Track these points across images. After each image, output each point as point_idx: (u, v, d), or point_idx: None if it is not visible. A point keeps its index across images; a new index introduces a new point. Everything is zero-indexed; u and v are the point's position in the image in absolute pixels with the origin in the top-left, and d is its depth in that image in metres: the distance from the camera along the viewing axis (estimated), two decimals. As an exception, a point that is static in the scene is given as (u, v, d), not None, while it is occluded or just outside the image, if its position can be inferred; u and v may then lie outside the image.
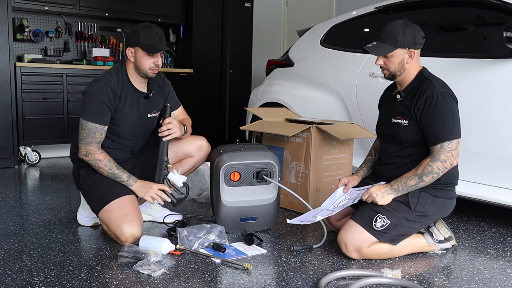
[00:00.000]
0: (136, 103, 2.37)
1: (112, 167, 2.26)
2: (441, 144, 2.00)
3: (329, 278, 1.85)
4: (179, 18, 5.39)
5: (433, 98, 2.01)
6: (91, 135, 2.24)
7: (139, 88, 2.38)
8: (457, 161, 2.04)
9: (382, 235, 2.04)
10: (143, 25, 2.31)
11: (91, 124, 2.24)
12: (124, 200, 2.25)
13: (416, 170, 2.04)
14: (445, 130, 2.00)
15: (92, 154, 2.26)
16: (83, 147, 2.27)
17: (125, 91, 2.32)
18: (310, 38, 3.83)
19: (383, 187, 2.08)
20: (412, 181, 2.03)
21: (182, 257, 2.10)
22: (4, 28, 4.00)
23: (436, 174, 2.01)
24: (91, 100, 2.25)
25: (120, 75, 2.32)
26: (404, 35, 2.05)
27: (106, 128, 2.29)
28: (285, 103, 3.71)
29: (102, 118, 2.26)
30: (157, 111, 2.49)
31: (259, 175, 2.39)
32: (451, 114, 2.02)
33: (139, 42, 2.26)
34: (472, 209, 3.03)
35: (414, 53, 2.09)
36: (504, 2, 2.59)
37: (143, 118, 2.43)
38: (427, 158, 2.03)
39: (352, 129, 2.91)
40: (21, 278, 1.84)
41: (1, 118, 4.07)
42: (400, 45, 2.06)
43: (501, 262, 2.15)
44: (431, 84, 2.05)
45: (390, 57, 2.09)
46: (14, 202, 3.03)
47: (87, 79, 4.48)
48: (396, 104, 2.17)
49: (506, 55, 2.50)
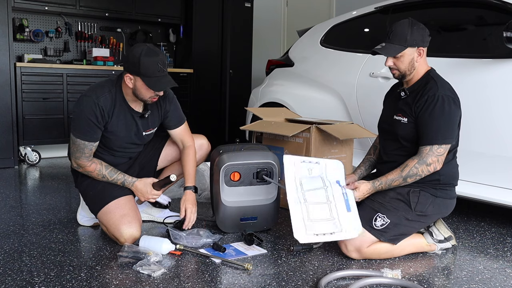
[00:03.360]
0: (130, 122, 2.29)
1: (105, 175, 2.25)
2: (430, 146, 2.01)
3: (329, 278, 1.85)
4: (179, 18, 5.39)
5: (434, 99, 2.00)
6: (80, 151, 2.22)
7: (134, 107, 2.27)
8: (440, 166, 2.04)
9: (382, 234, 2.04)
10: (145, 52, 2.08)
11: (79, 141, 2.20)
12: (121, 201, 2.25)
13: (401, 171, 2.04)
14: (437, 133, 2.00)
15: (83, 167, 2.26)
16: (74, 160, 2.27)
17: (118, 109, 2.22)
18: (310, 38, 3.82)
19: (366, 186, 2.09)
20: (397, 182, 2.05)
21: (182, 257, 2.10)
22: (4, 28, 4.00)
23: (419, 176, 2.03)
24: (79, 117, 2.19)
25: (113, 93, 2.21)
26: (413, 34, 2.05)
27: (96, 144, 2.25)
28: (285, 103, 3.71)
29: (91, 135, 2.20)
30: (153, 128, 2.41)
31: (259, 175, 2.39)
32: (447, 118, 2.01)
33: (140, 73, 2.10)
34: (472, 209, 3.03)
35: (423, 51, 2.09)
36: (504, 2, 2.59)
37: (138, 135, 2.36)
38: (414, 158, 2.03)
39: (352, 129, 2.91)
40: (21, 278, 1.84)
41: (1, 118, 4.08)
42: (409, 44, 2.06)
43: (501, 262, 2.15)
44: (435, 85, 2.04)
45: (400, 57, 2.08)
46: (14, 202, 3.03)
47: (87, 79, 4.49)
48: (400, 102, 2.17)
49: (506, 55, 2.50)
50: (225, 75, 5.42)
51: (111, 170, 2.27)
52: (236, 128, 3.49)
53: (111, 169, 2.27)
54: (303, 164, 2.18)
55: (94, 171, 2.25)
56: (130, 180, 2.28)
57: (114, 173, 2.27)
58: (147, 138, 2.43)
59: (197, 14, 5.30)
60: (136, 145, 2.42)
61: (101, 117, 2.18)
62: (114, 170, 2.28)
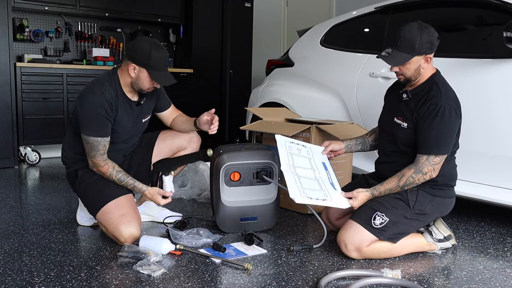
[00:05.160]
0: (130, 112, 2.36)
1: (116, 179, 2.27)
2: (427, 156, 2.01)
3: (329, 278, 1.85)
4: (179, 18, 5.39)
5: (436, 108, 1.99)
6: (94, 149, 2.24)
7: (131, 97, 2.34)
8: (436, 174, 2.05)
9: (381, 233, 2.05)
10: (154, 46, 2.20)
11: (93, 139, 2.22)
12: (120, 201, 2.25)
13: (398, 180, 2.06)
14: (435, 144, 2.00)
15: (97, 166, 2.28)
16: (89, 160, 2.29)
17: (119, 102, 2.29)
18: (310, 38, 3.82)
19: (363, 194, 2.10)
20: (394, 191, 2.08)
21: (182, 257, 2.10)
22: (4, 28, 4.00)
23: (416, 184, 2.06)
24: (90, 116, 2.21)
25: (113, 85, 2.26)
26: (421, 41, 1.99)
27: (108, 139, 2.28)
28: (285, 103, 3.71)
29: (104, 130, 2.24)
30: (149, 114, 2.50)
31: (259, 175, 2.39)
32: (447, 130, 2.00)
33: (148, 65, 2.19)
34: (472, 209, 3.03)
35: (430, 58, 2.05)
36: (504, 2, 2.59)
37: (138, 124, 2.44)
38: (411, 168, 2.05)
39: (352, 129, 2.91)
40: (21, 278, 1.84)
41: (1, 118, 4.07)
42: (417, 53, 2.01)
43: (501, 262, 2.15)
44: (439, 92, 2.01)
45: (407, 64, 2.04)
46: (14, 202, 3.03)
47: (87, 79, 4.48)
48: (401, 104, 2.16)
49: (506, 55, 2.50)
50: (225, 75, 5.42)
51: (123, 175, 2.28)
52: (236, 128, 3.49)
53: (122, 174, 2.28)
54: (292, 144, 2.30)
55: (106, 173, 2.27)
56: (140, 187, 2.30)
57: (125, 177, 2.28)
58: (145, 125, 2.50)
59: (197, 14, 5.29)
60: (135, 136, 2.48)
61: (110, 110, 2.24)
62: (126, 175, 2.29)
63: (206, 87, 5.39)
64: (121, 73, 2.28)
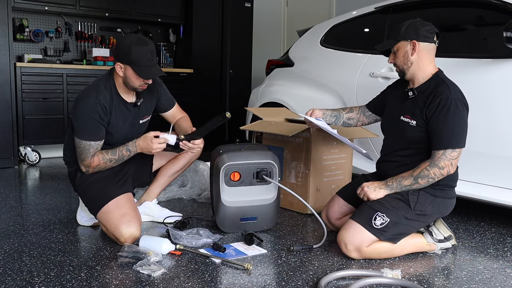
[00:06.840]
0: (127, 114, 2.34)
1: (110, 158, 2.26)
2: (443, 150, 2.00)
3: (329, 278, 1.85)
4: (179, 18, 5.38)
5: (447, 103, 2.00)
6: (85, 152, 2.24)
7: (127, 99, 2.33)
8: (454, 170, 2.05)
9: (382, 234, 2.04)
10: (135, 41, 2.16)
11: (85, 143, 2.22)
12: (120, 200, 2.25)
13: (413, 171, 2.05)
14: (451, 137, 2.00)
15: (90, 166, 2.27)
16: (81, 164, 2.29)
17: (115, 104, 2.28)
18: (310, 38, 3.82)
19: (376, 183, 2.12)
20: (407, 181, 2.05)
21: (182, 257, 2.10)
22: (4, 28, 4.00)
23: (431, 179, 2.02)
24: (83, 119, 2.21)
25: (108, 88, 2.25)
26: (407, 28, 2.09)
27: (101, 142, 2.27)
28: (285, 103, 3.71)
29: (97, 134, 2.24)
30: (148, 115, 2.47)
31: (259, 175, 2.39)
32: (461, 122, 2.01)
33: (131, 62, 2.16)
34: (472, 209, 3.03)
35: (416, 44, 2.08)
36: (504, 2, 2.59)
37: (135, 125, 2.42)
38: (426, 161, 2.04)
39: (352, 129, 2.91)
40: (21, 278, 1.84)
41: (1, 118, 4.07)
42: (402, 38, 2.10)
43: (501, 262, 2.15)
44: (447, 88, 2.03)
45: (397, 51, 2.13)
46: (14, 202, 3.03)
47: (87, 79, 4.49)
48: (407, 102, 2.16)
49: (506, 55, 2.50)
50: (225, 75, 5.42)
51: (112, 151, 2.27)
52: (236, 128, 3.49)
53: (112, 150, 2.28)
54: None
55: (100, 163, 2.26)
56: (131, 144, 2.28)
57: (116, 151, 2.27)
58: (144, 126, 2.48)
59: (197, 14, 5.29)
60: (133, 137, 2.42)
61: (103, 114, 2.22)
62: (114, 149, 2.28)
63: (206, 87, 5.39)
64: (115, 74, 2.28)
